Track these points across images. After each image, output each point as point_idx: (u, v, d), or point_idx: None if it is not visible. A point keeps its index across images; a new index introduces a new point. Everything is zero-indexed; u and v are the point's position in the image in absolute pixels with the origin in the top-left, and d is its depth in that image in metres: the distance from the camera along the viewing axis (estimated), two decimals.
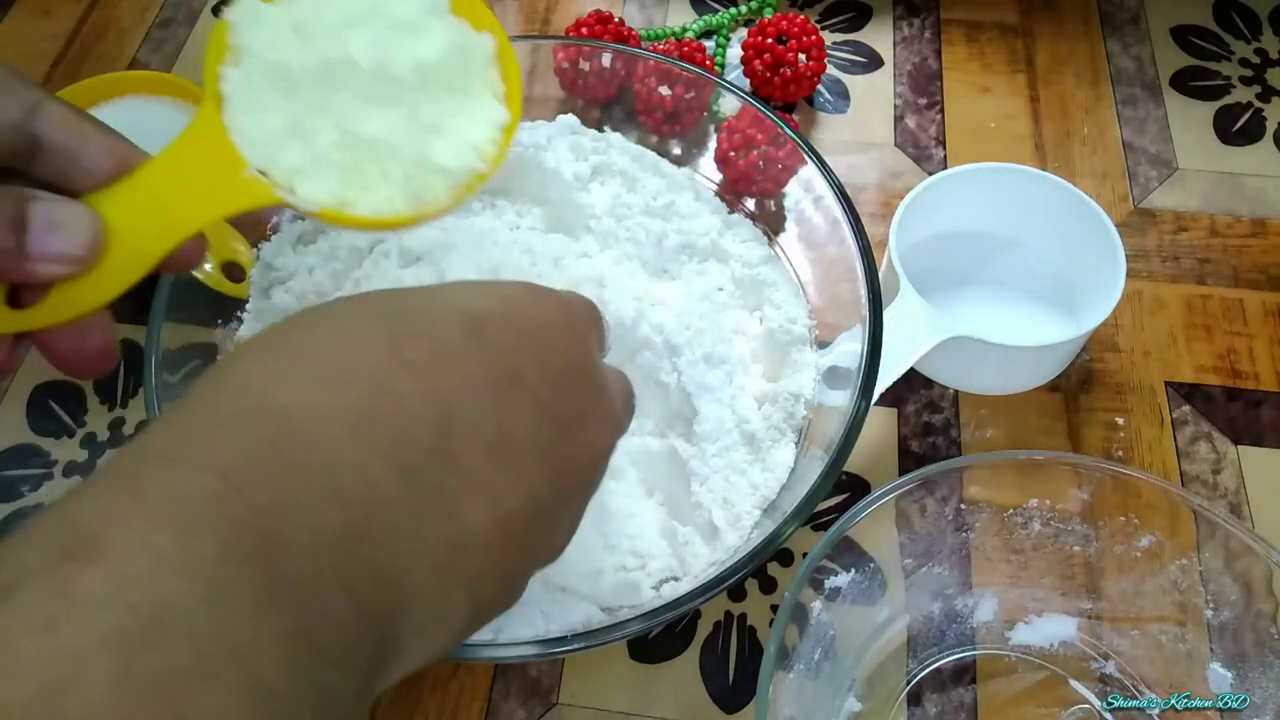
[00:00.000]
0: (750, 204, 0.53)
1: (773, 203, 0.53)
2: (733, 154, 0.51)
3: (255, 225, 0.50)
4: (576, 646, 0.36)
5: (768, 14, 0.64)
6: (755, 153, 0.50)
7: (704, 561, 0.41)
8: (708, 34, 0.65)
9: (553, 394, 0.25)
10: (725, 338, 0.47)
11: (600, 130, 0.53)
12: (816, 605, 0.39)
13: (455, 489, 0.23)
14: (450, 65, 0.31)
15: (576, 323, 0.28)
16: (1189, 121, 0.60)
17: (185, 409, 0.22)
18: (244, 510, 0.19)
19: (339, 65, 0.29)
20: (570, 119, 0.53)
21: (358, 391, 0.22)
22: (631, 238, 0.49)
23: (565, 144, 0.52)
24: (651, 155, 0.53)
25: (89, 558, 0.17)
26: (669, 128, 0.55)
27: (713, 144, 0.54)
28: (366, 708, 0.22)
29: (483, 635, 0.38)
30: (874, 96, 0.62)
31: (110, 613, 0.17)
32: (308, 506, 0.20)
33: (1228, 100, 0.61)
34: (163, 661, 0.17)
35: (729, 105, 0.54)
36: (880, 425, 0.49)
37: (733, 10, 0.65)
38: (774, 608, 0.44)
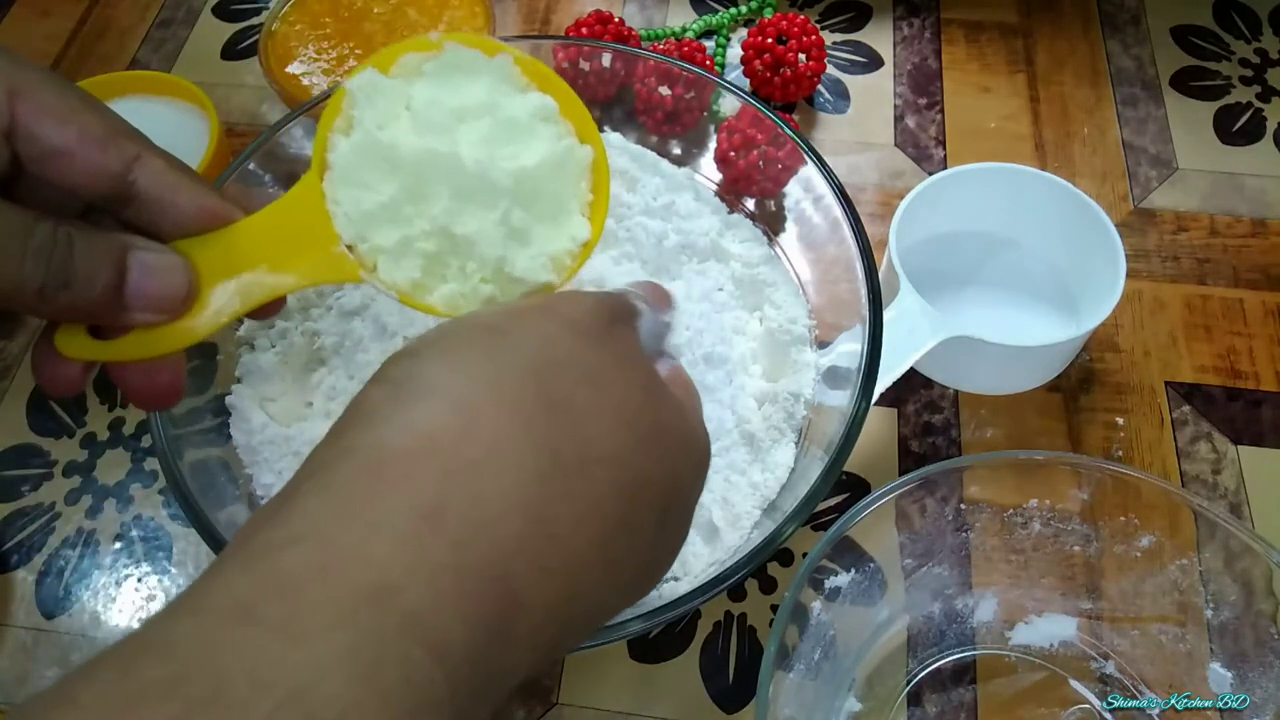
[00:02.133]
0: (750, 204, 0.53)
1: (773, 203, 0.52)
2: (733, 154, 0.51)
3: None
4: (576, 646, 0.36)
5: (768, 14, 0.64)
6: (755, 153, 0.50)
7: (704, 561, 0.41)
8: (708, 34, 0.65)
9: (651, 562, 0.27)
10: (725, 338, 0.47)
11: (600, 130, 0.53)
12: (816, 605, 0.39)
13: (571, 610, 0.23)
14: (549, 173, 0.31)
15: (708, 458, 0.29)
16: (1189, 121, 0.60)
17: (419, 504, 0.21)
18: (435, 658, 0.20)
19: (445, 158, 0.29)
20: None
21: (570, 585, 0.23)
22: (631, 238, 0.49)
23: None
24: (651, 155, 0.53)
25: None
26: (669, 128, 0.55)
27: (713, 144, 0.54)
28: None
29: None
30: (874, 96, 0.62)
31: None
32: (483, 708, 0.21)
33: (1228, 100, 0.61)
34: None
35: (729, 105, 0.54)
36: (880, 425, 0.49)
37: (733, 10, 0.65)
38: (774, 608, 0.44)
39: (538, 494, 0.22)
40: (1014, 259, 0.53)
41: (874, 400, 0.40)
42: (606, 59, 0.55)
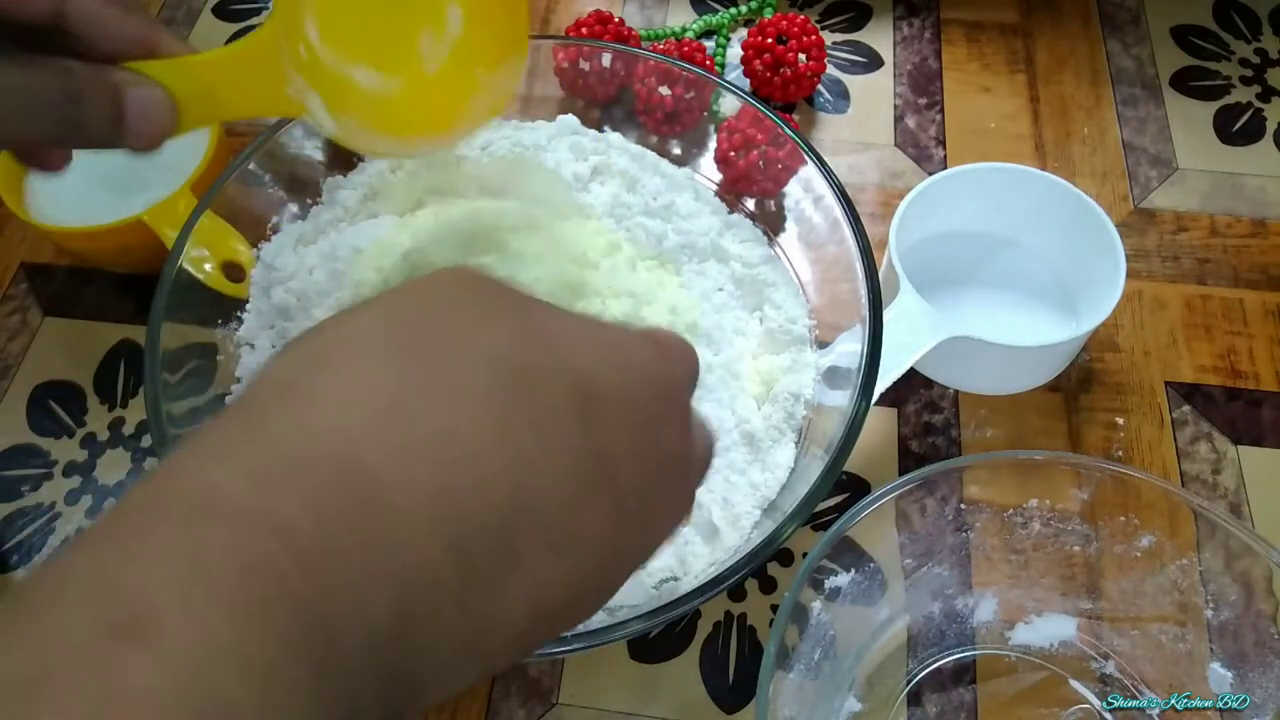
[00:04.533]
0: (750, 204, 0.53)
1: (773, 203, 0.53)
2: (733, 154, 0.51)
3: (255, 225, 0.50)
4: (576, 646, 0.36)
5: (768, 14, 0.64)
6: (755, 153, 0.50)
7: (704, 561, 0.41)
8: (708, 34, 0.65)
9: (638, 498, 0.24)
10: (725, 338, 0.47)
11: (600, 130, 0.53)
12: (816, 605, 0.39)
13: (502, 579, 0.21)
14: None
15: (683, 390, 0.27)
16: (1189, 121, 0.60)
17: (258, 430, 0.20)
18: (304, 590, 0.18)
19: None
20: (570, 119, 0.53)
21: (449, 468, 0.20)
22: (631, 238, 0.49)
23: (565, 144, 0.52)
24: (651, 155, 0.53)
25: (139, 639, 0.16)
26: (669, 128, 0.55)
27: (713, 144, 0.54)
28: None
29: None
30: (874, 96, 0.62)
31: (162, 712, 0.15)
32: (365, 590, 0.19)
33: (1228, 100, 0.61)
34: None
35: (729, 105, 0.54)
36: (880, 425, 0.49)
37: (733, 10, 0.65)
38: (774, 608, 0.44)
39: (388, 391, 0.21)
40: (1014, 259, 0.53)
41: (874, 400, 0.40)
42: (606, 59, 0.55)
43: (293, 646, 0.17)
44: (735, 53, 0.63)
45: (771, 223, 0.52)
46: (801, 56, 0.58)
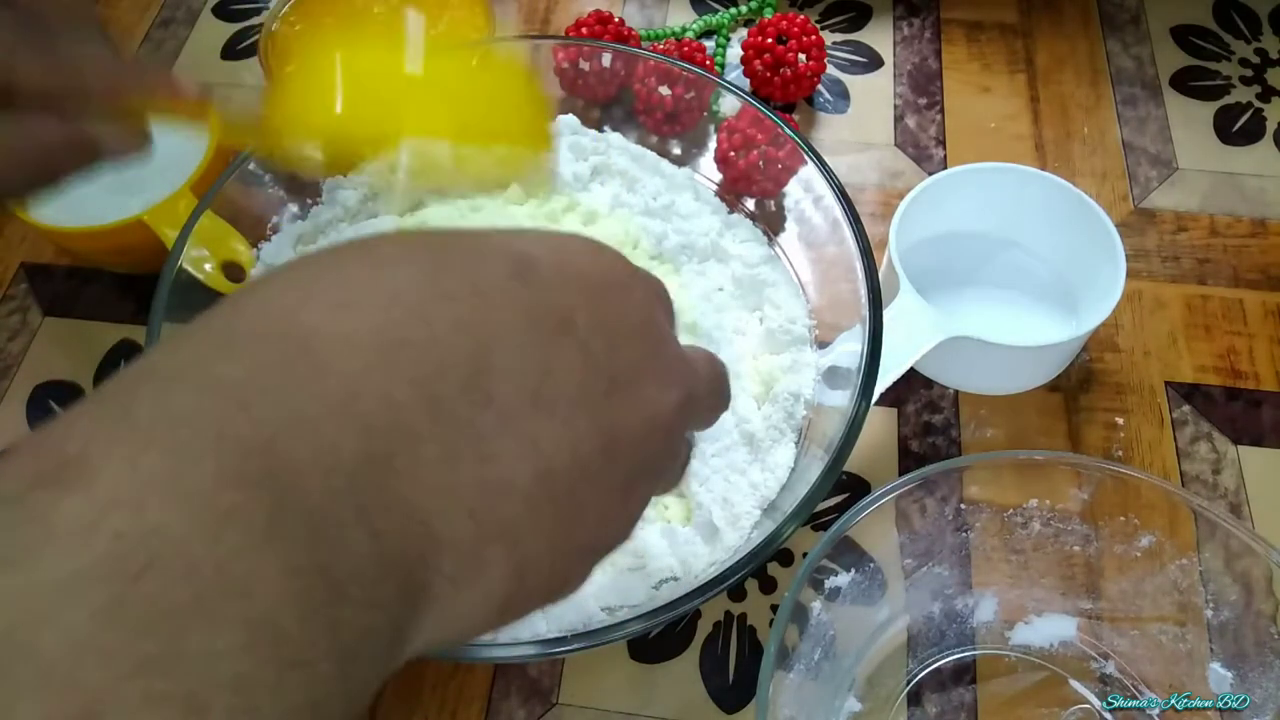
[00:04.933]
0: (750, 204, 0.53)
1: (773, 203, 0.53)
2: (733, 154, 0.51)
3: (255, 225, 0.50)
4: (576, 646, 0.36)
5: (768, 14, 0.64)
6: (755, 153, 0.50)
7: (704, 561, 0.41)
8: (708, 34, 0.65)
9: (604, 346, 0.23)
10: (725, 338, 0.47)
11: (600, 130, 0.53)
12: (816, 605, 0.39)
13: (490, 429, 0.21)
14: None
15: (638, 283, 0.26)
16: (1189, 121, 0.60)
17: (196, 328, 0.20)
18: (248, 432, 0.17)
19: None
20: (570, 119, 0.53)
21: (388, 317, 0.20)
22: (632, 238, 0.49)
23: (565, 144, 0.52)
24: (651, 155, 0.53)
25: (70, 483, 0.16)
26: (669, 128, 0.55)
27: (713, 144, 0.54)
28: (401, 657, 0.20)
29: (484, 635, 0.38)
30: (874, 96, 0.62)
31: (92, 542, 0.15)
32: (323, 432, 0.18)
33: (1228, 100, 0.61)
34: (153, 595, 0.15)
35: (729, 105, 0.54)
36: (880, 425, 0.49)
37: (733, 10, 0.65)
38: (774, 608, 0.44)
39: (329, 282, 0.21)
40: (1014, 259, 0.53)
41: (874, 400, 0.40)
42: (606, 59, 0.55)
43: (236, 480, 0.17)
44: (735, 53, 0.63)
45: (771, 223, 0.52)
46: (801, 56, 0.58)
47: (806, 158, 0.48)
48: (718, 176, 0.53)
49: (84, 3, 0.34)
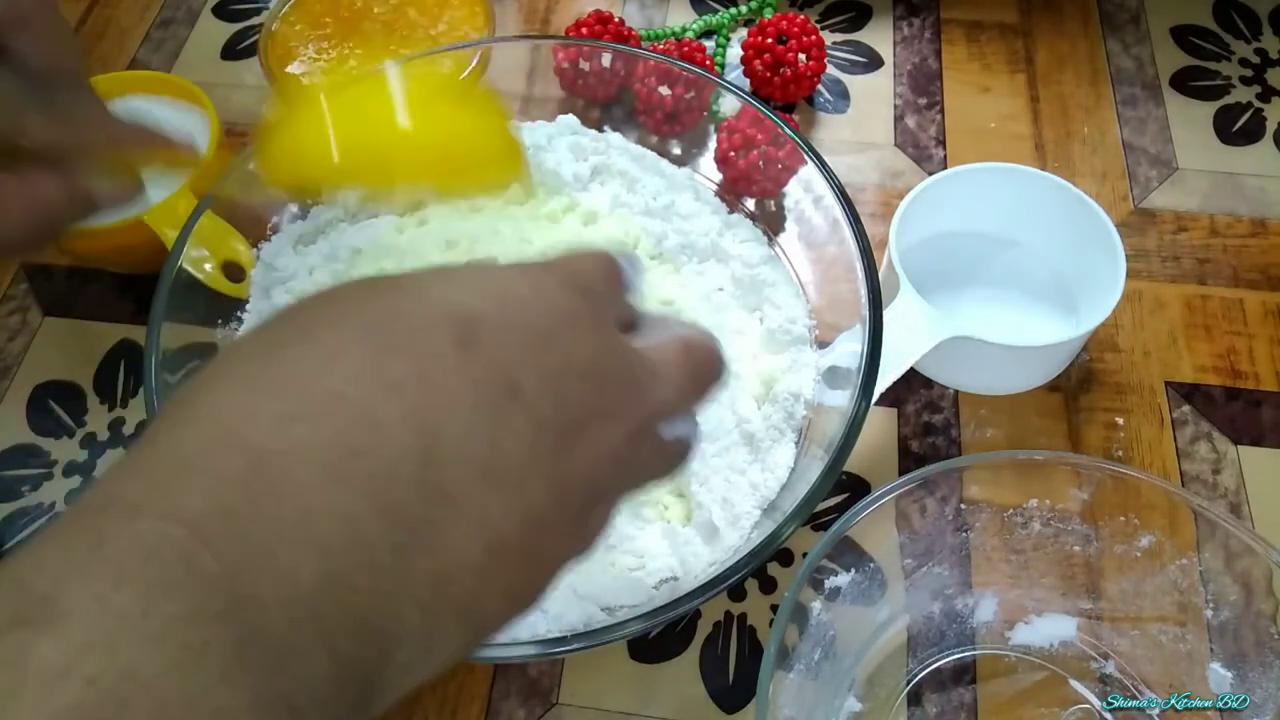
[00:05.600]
0: (750, 204, 0.53)
1: (773, 203, 0.53)
2: (733, 154, 0.51)
3: (255, 225, 0.50)
4: (576, 646, 0.36)
5: (768, 14, 0.64)
6: (755, 153, 0.50)
7: (704, 561, 0.41)
8: (708, 34, 0.65)
9: (553, 403, 0.23)
10: (725, 338, 0.46)
11: (600, 130, 0.53)
12: (816, 605, 0.39)
13: (441, 520, 0.21)
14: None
15: (584, 306, 0.25)
16: (1189, 121, 0.60)
17: (150, 445, 0.20)
18: (213, 567, 0.18)
19: None
20: (570, 119, 0.53)
21: (336, 425, 0.20)
22: (631, 238, 0.49)
23: (565, 144, 0.52)
24: (651, 155, 0.53)
25: (43, 624, 0.16)
26: (669, 128, 0.55)
27: (713, 144, 0.54)
28: None
29: None
30: (874, 96, 0.62)
31: (66, 688, 0.15)
32: (282, 561, 0.19)
33: (1228, 100, 0.61)
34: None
35: (729, 105, 0.54)
36: (880, 425, 0.49)
37: (733, 10, 0.65)
38: (774, 608, 0.44)
39: (263, 382, 0.21)
40: (1014, 259, 0.53)
41: (874, 400, 0.40)
42: (606, 59, 0.55)
43: (204, 615, 0.17)
44: (735, 53, 0.63)
45: (771, 223, 0.52)
46: (801, 56, 0.58)
47: (806, 158, 0.48)
48: (718, 176, 0.53)
49: (75, 59, 0.35)
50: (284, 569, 0.19)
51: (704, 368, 0.29)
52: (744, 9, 0.65)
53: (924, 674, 0.42)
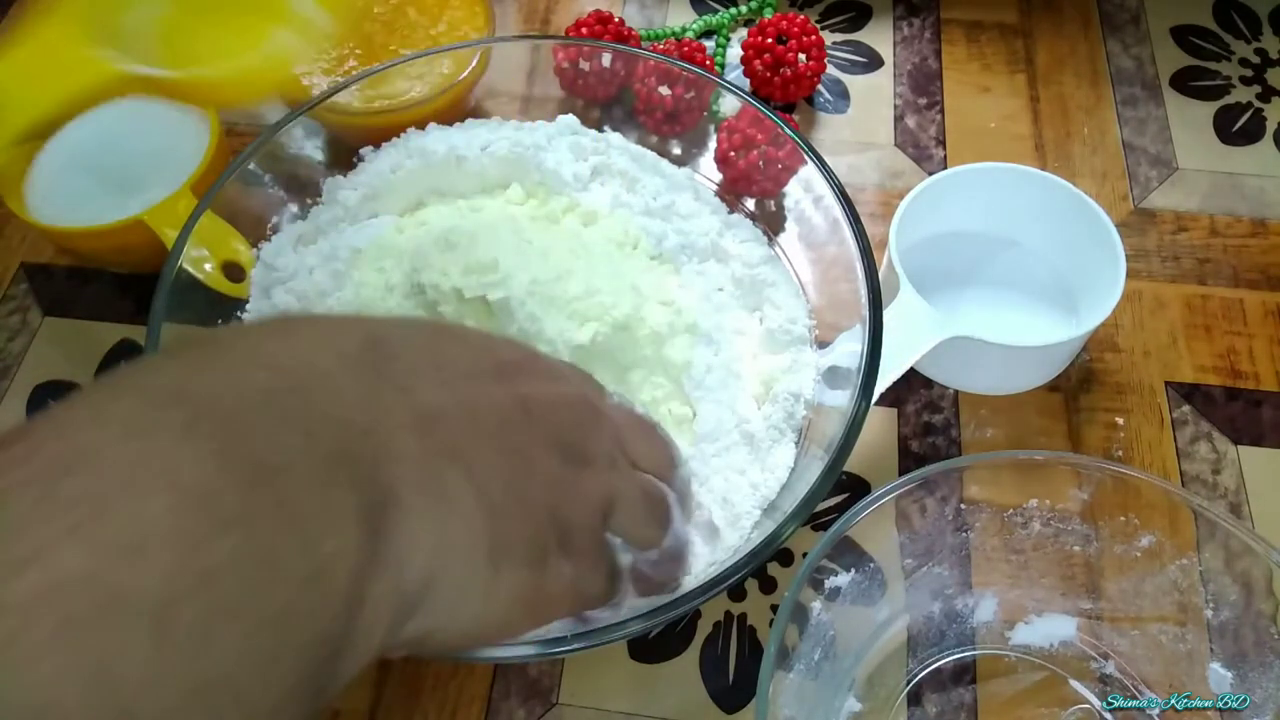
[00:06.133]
0: (750, 204, 0.53)
1: (773, 203, 0.53)
2: (733, 154, 0.51)
3: (255, 225, 0.50)
4: (576, 646, 0.36)
5: (768, 14, 0.64)
6: (755, 153, 0.50)
7: (704, 561, 0.41)
8: (708, 34, 0.65)
9: (483, 343, 0.27)
10: (725, 338, 0.47)
11: (600, 130, 0.53)
12: (816, 605, 0.39)
13: (401, 374, 0.23)
14: None
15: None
16: (1189, 121, 0.60)
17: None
18: (159, 387, 0.21)
19: None
20: (570, 119, 0.53)
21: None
22: (631, 239, 0.49)
23: (565, 144, 0.52)
24: (651, 155, 0.53)
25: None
26: (669, 128, 0.55)
27: (713, 144, 0.54)
28: (408, 570, 0.22)
29: None
30: (874, 96, 0.62)
31: (45, 453, 0.19)
32: (231, 376, 0.21)
33: (1228, 100, 0.61)
34: (85, 482, 0.18)
35: (729, 105, 0.54)
36: (880, 425, 0.49)
37: (733, 10, 0.65)
38: (774, 608, 0.44)
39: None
40: (1014, 259, 0.53)
41: (874, 400, 0.40)
42: (606, 59, 0.55)
43: (154, 404, 0.20)
44: (735, 53, 0.63)
45: (771, 223, 0.52)
46: (801, 56, 0.58)
47: (806, 158, 0.48)
48: (718, 176, 0.53)
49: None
50: (235, 380, 0.21)
51: (655, 433, 0.33)
52: (744, 9, 0.65)
53: (924, 674, 0.42)
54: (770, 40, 0.59)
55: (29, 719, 0.16)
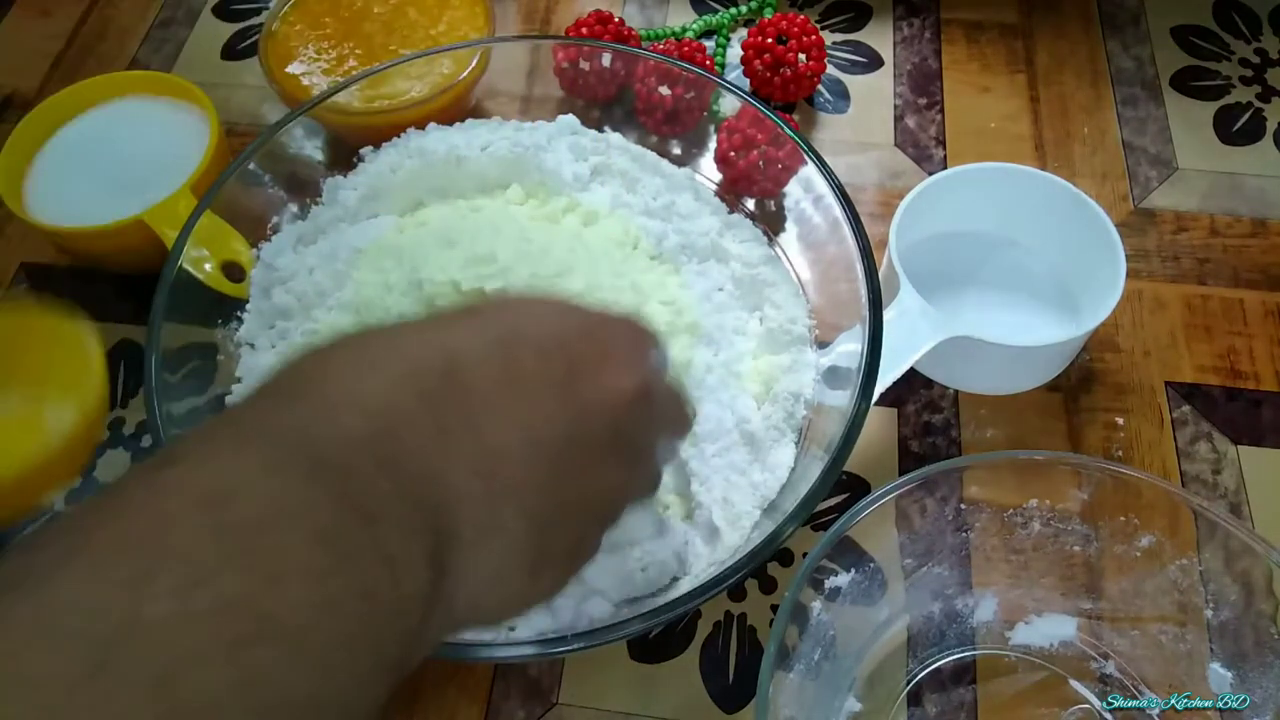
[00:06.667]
0: (750, 204, 0.53)
1: (773, 203, 0.53)
2: (733, 154, 0.51)
3: (255, 225, 0.50)
4: (576, 646, 0.36)
5: (768, 14, 0.64)
6: (755, 153, 0.50)
7: (704, 561, 0.41)
8: (708, 34, 0.65)
9: (556, 343, 0.28)
10: (725, 338, 0.47)
11: (600, 130, 0.53)
12: (816, 605, 0.39)
13: (475, 409, 0.26)
14: None
15: (568, 308, 0.31)
16: (1189, 121, 0.60)
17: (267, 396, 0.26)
18: (284, 429, 0.24)
19: None
20: (570, 119, 0.53)
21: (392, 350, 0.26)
22: (632, 239, 0.49)
23: (565, 144, 0.52)
24: (651, 155, 0.53)
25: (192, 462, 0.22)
26: (669, 128, 0.55)
27: (713, 144, 0.54)
28: (457, 595, 0.25)
29: (484, 635, 0.38)
30: (874, 96, 0.62)
31: (199, 484, 0.21)
32: (336, 420, 0.24)
33: (1228, 100, 0.61)
34: (238, 514, 0.21)
35: (729, 105, 0.54)
36: (880, 425, 0.49)
37: (733, 10, 0.65)
38: (774, 608, 0.44)
39: None
40: (1014, 259, 0.53)
41: (874, 400, 0.40)
42: (606, 59, 0.55)
43: (281, 449, 0.23)
44: (735, 53, 0.63)
45: (771, 223, 0.52)
46: (801, 56, 0.58)
47: (806, 158, 0.48)
48: (718, 176, 0.53)
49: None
50: (338, 425, 0.24)
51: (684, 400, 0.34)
52: (744, 9, 0.65)
53: (924, 674, 0.42)
54: (770, 40, 0.59)
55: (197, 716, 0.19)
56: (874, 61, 0.64)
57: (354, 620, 0.22)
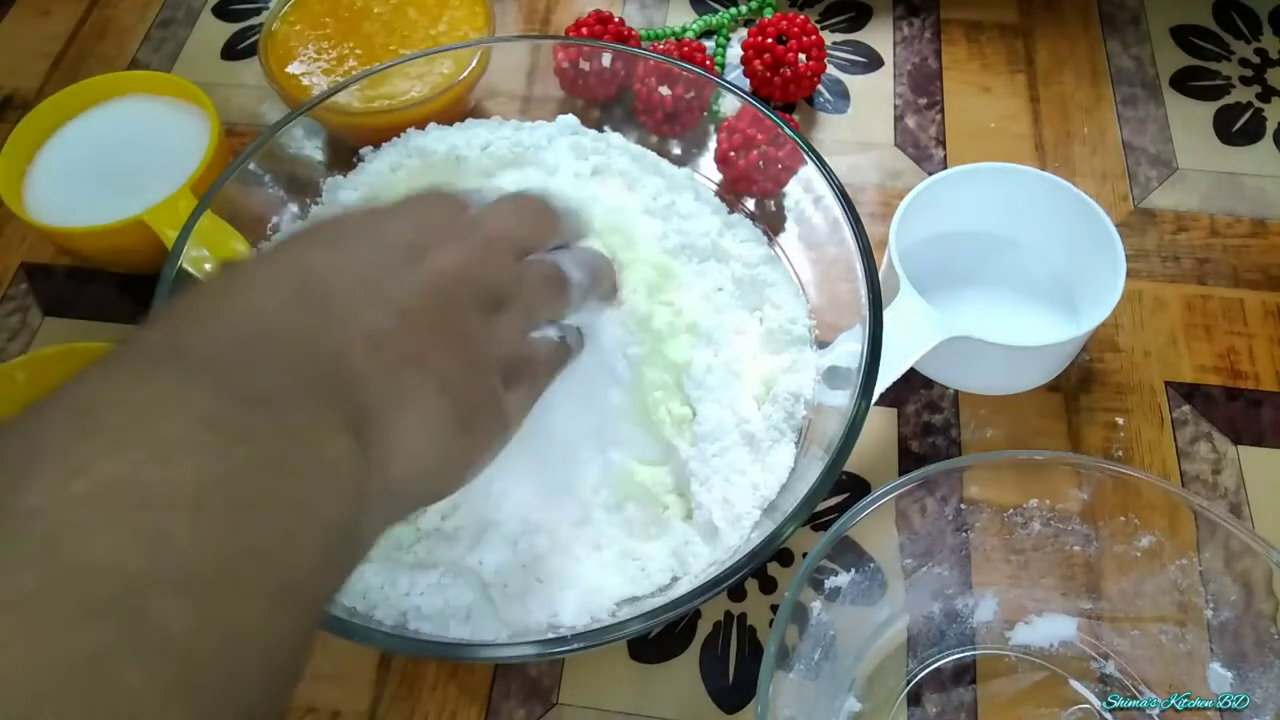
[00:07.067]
0: (750, 204, 0.53)
1: (773, 203, 0.53)
2: (733, 154, 0.51)
3: (255, 225, 0.50)
4: (576, 646, 0.36)
5: (768, 14, 0.64)
6: (755, 153, 0.50)
7: (704, 561, 0.41)
8: (708, 34, 0.65)
9: (385, 239, 0.31)
10: (725, 338, 0.47)
11: (600, 130, 0.53)
12: (816, 605, 0.39)
13: (340, 302, 0.27)
14: None
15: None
16: (1189, 121, 0.60)
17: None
18: (152, 343, 0.25)
19: None
20: (570, 119, 0.53)
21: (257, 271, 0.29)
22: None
23: (565, 144, 0.52)
24: (651, 155, 0.53)
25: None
26: (669, 128, 0.55)
27: (713, 144, 0.54)
28: (393, 465, 0.27)
29: (485, 635, 0.38)
30: (874, 96, 0.62)
31: (70, 401, 0.22)
32: (205, 332, 0.25)
33: (1228, 100, 0.61)
34: (112, 417, 0.21)
35: (729, 105, 0.54)
36: (880, 425, 0.49)
37: (733, 10, 0.65)
38: (774, 608, 0.44)
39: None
40: (1014, 259, 0.53)
41: (874, 400, 0.40)
42: (606, 59, 0.55)
43: (148, 361, 0.25)
44: (735, 53, 0.63)
45: (771, 223, 0.52)
46: (801, 56, 0.58)
47: (806, 158, 0.48)
48: (718, 176, 0.53)
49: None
50: (205, 328, 0.25)
51: (530, 208, 0.36)
52: (744, 9, 0.65)
53: (924, 674, 0.42)
54: (770, 40, 0.59)
55: (98, 578, 0.19)
56: (874, 61, 0.64)
57: (260, 485, 0.22)
